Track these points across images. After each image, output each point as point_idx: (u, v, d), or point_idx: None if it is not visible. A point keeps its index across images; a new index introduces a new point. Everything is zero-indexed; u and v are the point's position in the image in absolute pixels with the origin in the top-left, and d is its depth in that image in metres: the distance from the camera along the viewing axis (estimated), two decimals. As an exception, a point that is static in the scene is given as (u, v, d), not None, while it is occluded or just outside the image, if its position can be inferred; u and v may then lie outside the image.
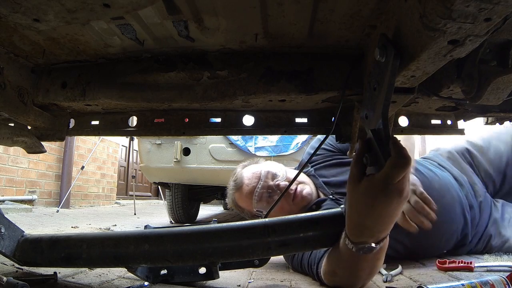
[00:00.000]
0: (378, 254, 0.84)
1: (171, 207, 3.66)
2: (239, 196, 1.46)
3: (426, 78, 0.69)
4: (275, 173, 1.44)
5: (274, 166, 1.48)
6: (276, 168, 1.46)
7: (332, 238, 0.91)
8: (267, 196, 1.39)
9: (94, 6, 0.68)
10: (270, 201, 1.38)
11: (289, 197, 1.38)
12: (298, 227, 0.90)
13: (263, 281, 1.23)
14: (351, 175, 0.78)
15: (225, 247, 0.90)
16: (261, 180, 1.40)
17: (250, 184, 1.41)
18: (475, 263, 1.30)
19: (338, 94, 0.87)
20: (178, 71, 0.89)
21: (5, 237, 1.01)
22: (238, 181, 1.46)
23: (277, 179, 1.42)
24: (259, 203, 1.39)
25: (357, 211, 0.77)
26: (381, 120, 0.68)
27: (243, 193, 1.43)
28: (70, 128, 1.13)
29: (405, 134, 1.11)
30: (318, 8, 0.69)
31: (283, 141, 2.92)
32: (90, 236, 1.00)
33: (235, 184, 1.47)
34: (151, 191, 11.33)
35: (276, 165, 1.50)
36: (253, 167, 1.52)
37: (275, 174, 1.43)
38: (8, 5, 0.68)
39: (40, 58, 0.93)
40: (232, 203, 1.52)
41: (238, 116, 1.07)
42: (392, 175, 0.68)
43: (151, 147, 3.05)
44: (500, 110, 0.96)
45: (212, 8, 0.71)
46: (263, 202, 1.39)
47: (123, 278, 1.20)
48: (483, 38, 0.52)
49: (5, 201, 4.64)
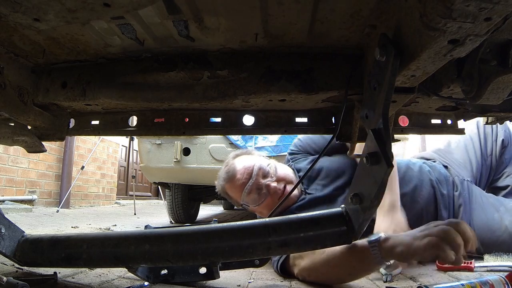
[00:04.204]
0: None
1: (171, 207, 3.65)
2: (230, 186, 1.53)
3: (426, 78, 0.69)
4: (267, 171, 1.49)
5: (266, 163, 1.53)
6: (267, 166, 1.51)
7: (332, 238, 0.91)
8: (256, 192, 1.46)
9: (95, 6, 0.68)
10: (258, 197, 1.46)
11: (276, 196, 1.44)
12: (298, 227, 0.90)
13: (263, 281, 1.23)
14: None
15: (225, 247, 0.90)
16: (253, 178, 1.45)
17: (242, 179, 1.48)
18: (475, 263, 1.30)
19: (338, 93, 0.87)
20: (178, 70, 0.89)
21: (5, 237, 1.01)
22: (230, 173, 1.52)
23: (268, 178, 1.48)
24: (248, 197, 1.47)
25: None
26: (381, 119, 0.68)
27: (234, 185, 1.51)
28: (70, 128, 1.13)
29: (405, 134, 1.11)
30: (318, 8, 0.69)
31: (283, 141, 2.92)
32: (90, 236, 1.00)
33: (227, 175, 1.52)
34: (151, 191, 11.32)
35: (267, 161, 1.55)
36: (245, 159, 1.56)
37: (267, 172, 1.49)
38: (9, 5, 0.68)
39: (40, 58, 0.93)
40: (221, 189, 1.59)
41: (238, 116, 1.07)
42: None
43: (151, 147, 3.04)
44: (500, 110, 0.96)
45: (212, 7, 0.71)
46: (251, 196, 1.47)
47: (123, 278, 1.20)
48: (483, 37, 0.52)
49: (5, 201, 4.64)
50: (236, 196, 1.53)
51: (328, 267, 1.07)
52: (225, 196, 1.61)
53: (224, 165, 1.62)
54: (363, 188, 0.79)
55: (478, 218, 1.54)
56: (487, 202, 1.60)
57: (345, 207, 0.90)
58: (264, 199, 1.45)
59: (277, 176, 1.50)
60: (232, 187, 1.53)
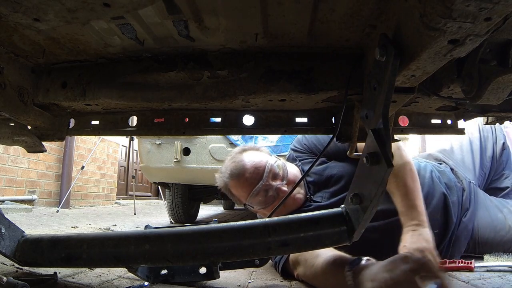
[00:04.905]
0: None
1: (171, 207, 3.66)
2: (235, 184, 1.41)
3: (426, 78, 0.69)
4: (278, 173, 1.41)
5: (275, 162, 1.43)
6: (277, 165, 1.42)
7: (332, 238, 0.91)
8: (264, 194, 1.38)
9: (94, 6, 0.68)
10: (265, 199, 1.38)
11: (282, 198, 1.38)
12: (298, 227, 0.90)
13: (263, 281, 1.23)
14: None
15: (225, 247, 0.90)
16: (263, 180, 1.36)
17: (251, 179, 1.37)
18: (475, 263, 1.30)
19: (338, 93, 0.87)
20: (178, 71, 0.89)
21: (5, 237, 1.01)
22: (238, 169, 1.39)
23: (278, 180, 1.40)
24: (254, 199, 1.38)
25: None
26: (381, 119, 0.68)
27: (241, 183, 1.40)
28: (70, 128, 1.13)
29: (405, 134, 1.11)
30: (318, 8, 0.69)
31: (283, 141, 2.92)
32: (90, 236, 1.00)
33: (235, 171, 1.40)
34: (151, 191, 11.32)
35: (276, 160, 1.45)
36: (254, 156, 1.45)
37: (278, 173, 1.40)
38: (9, 5, 0.68)
39: (40, 58, 0.93)
40: (223, 185, 1.47)
41: (238, 116, 1.06)
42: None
43: (151, 147, 3.04)
44: (500, 110, 0.96)
45: (212, 7, 0.71)
46: (258, 198, 1.38)
47: (123, 278, 1.20)
48: (483, 37, 0.52)
49: (5, 201, 4.64)
50: (241, 195, 1.42)
51: (316, 280, 1.09)
52: (226, 192, 1.50)
53: (229, 159, 1.48)
54: (363, 188, 0.79)
55: (482, 218, 1.54)
56: (490, 203, 1.60)
57: (345, 207, 0.90)
58: (271, 202, 1.37)
59: (287, 179, 1.41)
60: (238, 185, 1.41)
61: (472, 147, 1.82)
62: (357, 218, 0.85)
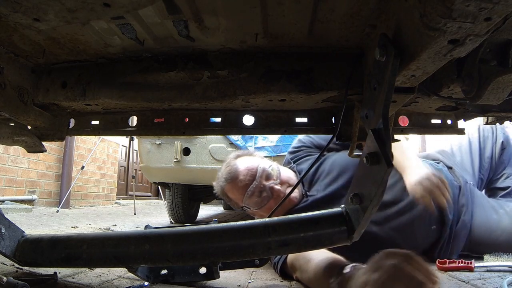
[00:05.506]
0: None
1: (171, 207, 3.66)
2: (231, 187, 1.48)
3: (426, 78, 0.69)
4: (271, 173, 1.46)
5: (268, 164, 1.49)
6: (270, 168, 1.48)
7: (332, 238, 0.91)
8: (258, 195, 1.43)
9: (95, 6, 0.68)
10: (260, 199, 1.42)
11: (278, 198, 1.41)
12: (298, 227, 0.90)
13: (263, 281, 1.23)
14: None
15: (225, 247, 0.90)
16: (256, 180, 1.42)
17: (245, 180, 1.43)
18: (475, 263, 1.30)
19: (338, 93, 0.87)
20: (178, 70, 0.89)
21: (5, 237, 1.01)
22: (232, 173, 1.47)
23: (271, 180, 1.45)
24: (249, 199, 1.43)
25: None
26: (381, 119, 0.68)
27: (236, 186, 1.46)
28: (70, 128, 1.13)
29: (405, 134, 1.11)
30: (318, 8, 0.69)
31: (283, 141, 2.92)
32: (90, 236, 1.00)
33: (229, 175, 1.47)
34: (151, 191, 11.32)
35: (270, 163, 1.51)
36: (248, 160, 1.52)
37: (271, 174, 1.46)
38: (9, 5, 0.68)
39: (40, 58, 0.93)
40: (220, 191, 1.54)
41: (238, 116, 1.07)
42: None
43: (151, 147, 3.04)
44: (500, 110, 0.96)
45: (212, 7, 0.71)
46: (253, 198, 1.43)
47: (123, 278, 1.20)
48: (483, 37, 0.52)
49: (5, 201, 4.64)
50: (237, 197, 1.48)
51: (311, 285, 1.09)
52: (223, 197, 1.56)
53: (224, 165, 1.56)
54: (363, 188, 0.79)
55: (478, 219, 1.54)
56: (487, 204, 1.61)
57: (345, 207, 0.90)
58: (266, 202, 1.42)
59: (280, 179, 1.46)
60: (233, 188, 1.48)
61: (471, 148, 1.82)
62: (357, 218, 0.85)
